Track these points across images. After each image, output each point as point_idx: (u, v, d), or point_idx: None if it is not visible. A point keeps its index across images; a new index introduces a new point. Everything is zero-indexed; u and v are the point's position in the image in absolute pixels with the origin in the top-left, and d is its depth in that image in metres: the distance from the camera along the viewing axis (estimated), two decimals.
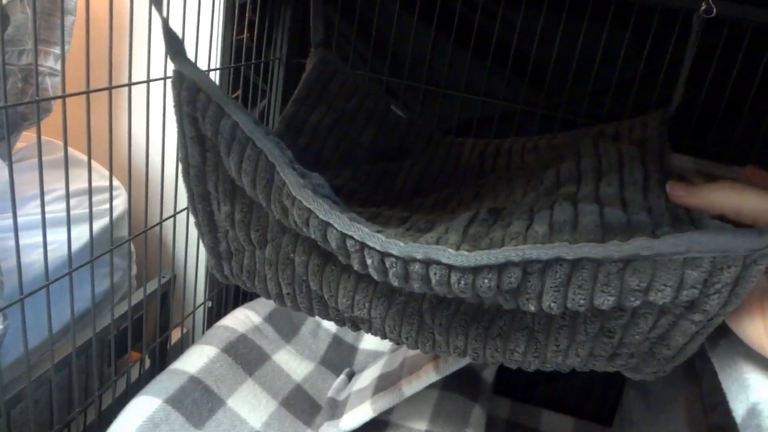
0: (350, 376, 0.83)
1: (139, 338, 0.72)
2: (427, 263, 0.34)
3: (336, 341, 0.89)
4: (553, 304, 0.34)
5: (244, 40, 0.79)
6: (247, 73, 0.83)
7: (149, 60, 0.58)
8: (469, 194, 0.53)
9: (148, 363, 0.79)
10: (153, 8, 0.41)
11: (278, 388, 0.77)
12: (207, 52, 0.69)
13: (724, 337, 0.36)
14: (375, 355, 0.87)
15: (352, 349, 0.89)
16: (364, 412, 0.69)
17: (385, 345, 0.87)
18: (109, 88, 0.54)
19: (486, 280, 0.33)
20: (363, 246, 0.36)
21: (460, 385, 0.80)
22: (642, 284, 0.32)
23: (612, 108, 0.79)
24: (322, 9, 0.65)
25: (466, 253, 0.33)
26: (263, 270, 0.46)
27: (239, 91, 0.82)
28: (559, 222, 0.36)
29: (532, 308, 0.35)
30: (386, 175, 0.60)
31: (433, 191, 0.57)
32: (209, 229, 0.47)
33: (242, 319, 0.83)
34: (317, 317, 0.48)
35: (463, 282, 0.34)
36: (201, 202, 0.46)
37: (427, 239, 0.36)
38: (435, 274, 0.34)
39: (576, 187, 0.43)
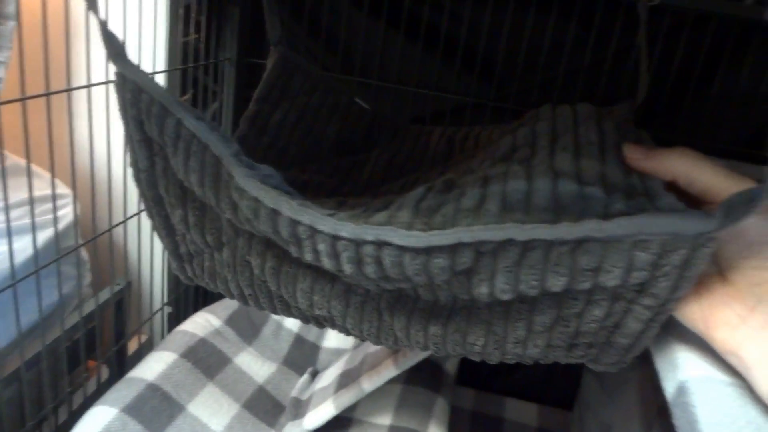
0: (314, 375, 0.83)
1: (94, 348, 0.71)
2: (379, 245, 0.34)
3: (298, 341, 0.89)
4: (505, 286, 0.34)
5: (191, 41, 0.78)
6: (196, 74, 0.82)
7: (89, 64, 0.57)
8: (434, 174, 0.52)
9: (107, 373, 0.78)
10: (91, 11, 0.40)
11: (240, 390, 0.77)
12: (152, 55, 0.68)
13: None
14: (338, 353, 0.87)
15: (315, 348, 0.89)
16: (326, 410, 0.69)
17: (348, 342, 0.87)
18: (47, 94, 0.53)
19: (438, 261, 0.33)
20: (313, 231, 0.36)
21: (422, 378, 0.80)
22: (592, 264, 0.32)
23: (561, 97, 0.80)
24: (277, 6, 0.64)
25: (417, 233, 0.33)
26: (223, 272, 0.46)
27: (189, 94, 0.81)
28: (511, 201, 0.36)
29: (485, 290, 0.35)
30: (354, 166, 0.59)
31: (401, 177, 0.57)
32: (167, 233, 0.46)
33: (202, 323, 0.82)
34: (280, 316, 0.48)
35: (416, 263, 0.34)
36: (155, 206, 0.45)
37: (378, 219, 0.36)
38: (387, 255, 0.34)
39: (531, 150, 0.42)
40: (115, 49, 0.40)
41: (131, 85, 0.40)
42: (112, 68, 0.41)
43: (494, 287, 0.34)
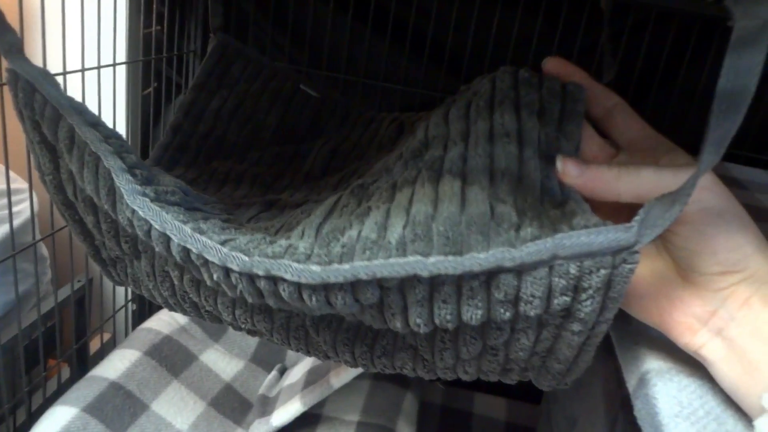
0: (282, 372, 0.82)
1: (54, 347, 0.69)
2: (273, 279, 0.31)
3: None
4: (418, 320, 0.31)
5: (153, 33, 0.76)
6: (160, 67, 0.81)
7: (44, 54, 0.55)
8: (373, 164, 0.49)
9: (68, 373, 0.76)
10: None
11: (206, 388, 0.76)
12: (111, 47, 0.66)
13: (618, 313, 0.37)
14: None
15: None
16: (294, 407, 0.69)
17: None
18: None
19: (339, 297, 0.30)
20: (205, 260, 0.33)
21: (391, 374, 0.80)
22: (509, 296, 0.29)
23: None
24: None
25: (313, 267, 0.30)
26: (145, 280, 0.42)
27: (151, 87, 0.79)
28: (415, 226, 0.32)
29: (398, 325, 0.32)
30: (296, 156, 0.57)
31: (344, 167, 0.54)
32: (83, 238, 0.43)
33: (167, 320, 0.81)
34: None
35: (315, 299, 0.31)
36: (67, 211, 0.41)
37: (276, 249, 0.32)
38: (284, 290, 0.31)
39: (443, 151, 0.38)
40: (8, 43, 0.37)
41: (23, 84, 0.36)
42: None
43: (408, 321, 0.32)
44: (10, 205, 0.54)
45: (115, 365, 0.70)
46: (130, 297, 0.85)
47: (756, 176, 0.71)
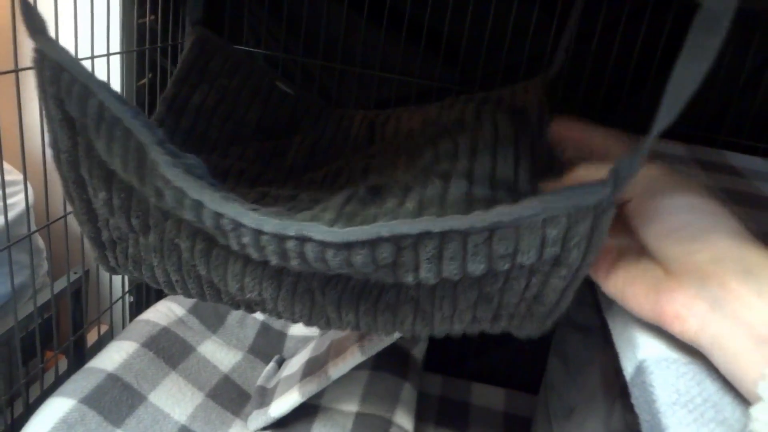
0: (280, 363, 0.82)
1: (51, 339, 0.69)
2: (302, 240, 0.34)
3: (264, 328, 0.88)
4: (429, 274, 0.35)
5: (147, 22, 0.75)
6: (155, 57, 0.80)
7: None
8: (357, 167, 0.53)
9: (66, 365, 0.76)
10: None
11: (204, 379, 0.76)
12: (105, 36, 0.66)
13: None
14: (304, 341, 0.86)
15: (281, 336, 0.88)
16: (292, 397, 0.69)
17: (315, 330, 0.87)
18: None
19: (360, 256, 0.34)
20: (237, 224, 0.36)
21: (389, 365, 0.80)
22: (509, 249, 0.33)
23: (526, 80, 0.80)
24: None
25: (337, 229, 0.34)
26: (149, 258, 0.44)
27: (146, 78, 0.79)
28: (428, 197, 0.38)
29: (410, 280, 0.36)
30: (276, 152, 0.59)
31: (324, 165, 0.57)
32: (88, 218, 0.44)
33: (164, 311, 0.81)
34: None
35: (338, 258, 0.34)
36: (76, 190, 0.43)
37: (303, 216, 0.37)
38: (310, 250, 0.34)
39: (450, 165, 0.45)
40: (35, 24, 0.38)
41: (51, 63, 0.38)
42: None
43: (419, 276, 0.36)
44: (4, 196, 0.54)
45: (113, 357, 0.69)
46: (127, 288, 0.85)
47: (754, 164, 0.71)
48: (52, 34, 0.39)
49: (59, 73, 0.37)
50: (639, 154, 0.30)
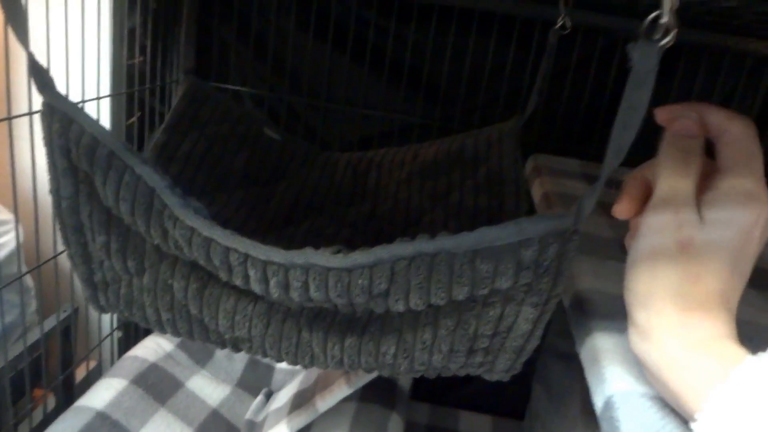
0: (268, 396, 0.83)
1: (40, 377, 0.69)
2: (307, 268, 0.38)
3: (252, 362, 0.89)
4: (419, 300, 0.38)
5: (137, 64, 0.77)
6: (143, 96, 0.82)
7: (30, 92, 0.56)
8: (340, 230, 0.57)
9: (54, 402, 0.76)
10: (21, 44, 0.40)
11: (193, 415, 0.76)
12: (96, 78, 0.68)
13: (588, 335, 0.39)
14: (292, 374, 0.87)
15: (269, 369, 0.89)
16: (280, 431, 0.69)
17: None
18: None
19: (359, 281, 0.37)
20: (246, 257, 0.39)
21: (377, 395, 0.81)
22: (489, 271, 0.36)
23: (504, 115, 0.82)
24: (195, 38, 0.66)
25: (341, 256, 0.37)
26: (141, 298, 0.46)
27: (135, 117, 0.80)
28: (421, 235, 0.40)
29: (401, 308, 0.39)
30: (260, 199, 0.61)
31: (306, 218, 0.60)
32: (83, 261, 0.46)
33: (153, 347, 0.81)
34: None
35: (339, 285, 0.37)
36: (74, 234, 0.45)
37: (305, 251, 0.39)
38: (314, 279, 0.38)
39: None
40: (42, 80, 0.41)
41: (60, 115, 0.40)
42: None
43: (408, 303, 0.39)
44: None
45: (102, 395, 0.70)
46: (115, 325, 0.85)
47: None
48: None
49: (68, 125, 0.40)
50: (595, 193, 0.33)
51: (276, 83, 0.86)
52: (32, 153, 0.60)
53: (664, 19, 0.27)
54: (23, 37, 0.39)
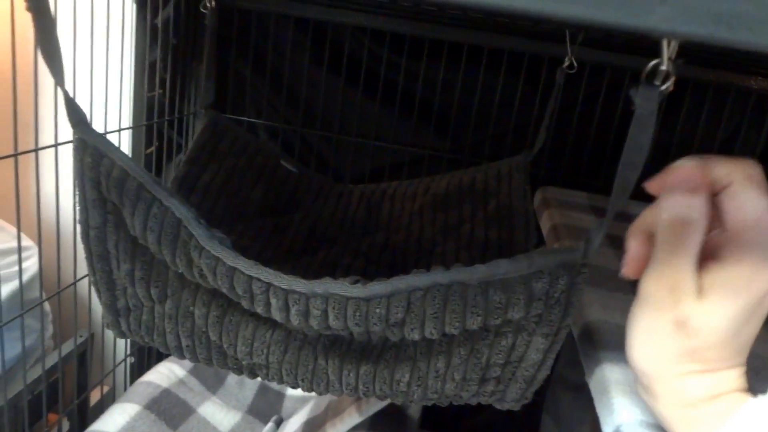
0: (278, 423, 0.84)
1: (57, 401, 0.71)
2: (327, 297, 0.39)
3: (263, 389, 0.90)
4: (433, 330, 0.39)
5: (156, 96, 0.80)
6: (161, 127, 0.84)
7: (56, 123, 0.59)
8: (355, 260, 0.59)
9: (68, 426, 0.77)
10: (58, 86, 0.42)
11: None
12: (118, 110, 0.70)
13: (597, 365, 0.40)
14: (303, 401, 0.88)
15: (280, 396, 0.90)
16: None
17: None
18: (15, 155, 0.54)
19: (377, 310, 0.39)
20: (269, 286, 0.40)
21: (386, 424, 0.81)
22: (502, 301, 0.38)
23: (513, 148, 0.84)
24: (215, 73, 0.68)
25: (359, 286, 0.39)
26: (162, 324, 0.48)
27: (153, 147, 0.83)
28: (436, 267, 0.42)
29: (416, 337, 0.40)
30: (276, 230, 0.63)
31: (321, 248, 0.61)
32: (107, 287, 0.48)
33: (165, 373, 0.82)
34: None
35: (358, 314, 0.39)
36: (100, 262, 0.47)
37: (324, 281, 0.41)
38: (333, 308, 0.39)
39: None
40: (77, 116, 0.43)
41: (92, 150, 0.43)
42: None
43: (423, 332, 0.40)
44: (20, 263, 0.57)
45: (115, 419, 0.71)
46: (129, 351, 0.87)
47: None
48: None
49: (99, 159, 0.43)
50: (603, 228, 0.34)
51: (290, 116, 0.89)
52: (56, 183, 0.62)
53: (663, 67, 0.29)
54: (59, 75, 0.41)
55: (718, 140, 0.82)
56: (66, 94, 0.42)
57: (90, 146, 0.42)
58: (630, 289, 0.52)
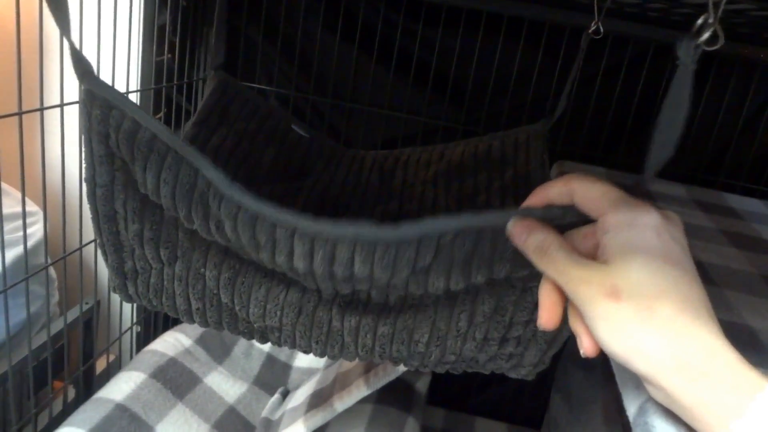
0: (285, 395, 0.83)
1: (62, 368, 0.70)
2: (355, 241, 0.38)
3: (269, 360, 0.89)
4: (459, 278, 0.38)
5: (165, 60, 0.78)
6: (170, 93, 0.83)
7: (62, 83, 0.57)
8: (366, 213, 0.57)
9: (74, 394, 0.77)
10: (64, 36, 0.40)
11: (210, 410, 0.76)
12: (125, 74, 0.68)
13: None
14: (309, 373, 0.87)
15: (286, 368, 0.89)
16: (297, 429, 0.69)
17: (320, 362, 0.88)
18: (20, 114, 0.52)
19: (407, 252, 0.37)
20: (294, 231, 0.38)
21: (393, 398, 0.80)
22: None
23: (530, 121, 0.82)
24: (225, 34, 0.66)
25: (389, 228, 0.37)
26: (171, 287, 0.47)
27: (161, 113, 0.81)
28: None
29: (440, 287, 0.39)
30: (287, 195, 0.61)
31: (333, 216, 0.60)
32: (114, 249, 0.47)
33: (172, 342, 0.82)
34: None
35: (387, 257, 0.37)
36: (107, 222, 0.46)
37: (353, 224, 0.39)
38: (360, 252, 0.38)
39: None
40: (83, 67, 0.41)
41: (101, 102, 0.41)
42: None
43: (450, 280, 0.39)
44: (24, 228, 0.56)
45: (121, 387, 0.70)
46: (135, 319, 0.86)
47: (752, 206, 0.73)
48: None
49: (108, 111, 0.41)
50: (644, 182, 0.33)
51: (301, 83, 0.87)
52: (62, 146, 0.60)
53: (711, 20, 0.28)
54: (64, 25, 0.39)
55: (742, 118, 0.80)
56: (72, 44, 0.40)
57: (99, 98, 0.40)
58: None
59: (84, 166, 0.43)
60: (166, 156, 0.41)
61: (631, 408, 0.33)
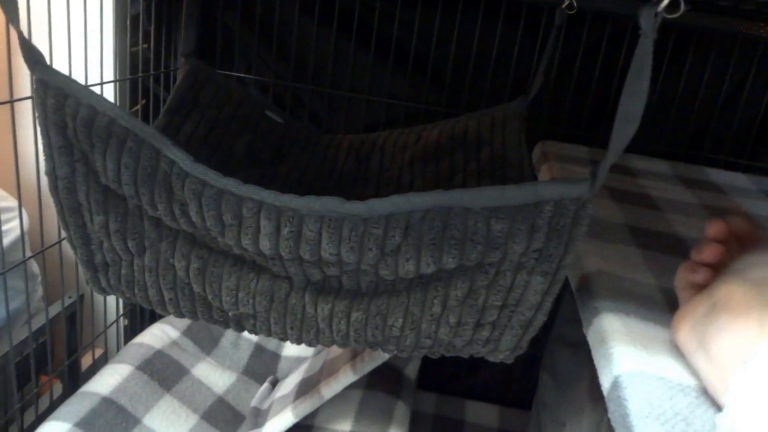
0: (274, 384, 0.83)
1: (46, 364, 0.70)
2: (322, 215, 0.37)
3: (258, 350, 0.89)
4: (430, 259, 0.38)
5: (140, 51, 0.77)
6: (147, 83, 0.82)
7: (32, 76, 0.56)
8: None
9: (60, 389, 0.76)
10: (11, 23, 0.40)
11: (199, 401, 0.76)
12: (99, 65, 0.67)
13: (595, 316, 0.38)
14: (298, 362, 0.87)
15: (275, 357, 0.89)
16: (285, 418, 0.69)
17: (308, 351, 0.87)
18: None
19: (374, 229, 0.37)
20: (261, 206, 0.38)
21: (383, 383, 0.80)
22: (504, 230, 0.36)
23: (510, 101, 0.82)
24: (196, 20, 0.65)
25: (357, 202, 0.37)
26: (142, 278, 0.46)
27: (139, 104, 0.80)
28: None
29: (411, 270, 0.39)
30: (262, 181, 0.61)
31: None
32: (82, 242, 0.46)
33: (158, 334, 0.81)
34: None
35: (354, 234, 0.37)
36: (72, 215, 0.45)
37: (321, 198, 0.39)
38: (328, 227, 0.37)
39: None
40: (34, 57, 0.40)
41: (55, 90, 0.40)
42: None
43: (420, 263, 0.38)
44: None
45: (107, 380, 0.70)
46: (121, 312, 0.85)
47: (735, 180, 0.73)
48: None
49: (63, 100, 0.40)
50: (609, 162, 0.34)
51: (280, 70, 0.86)
52: (35, 138, 0.59)
53: None
54: (13, 14, 0.38)
55: (723, 93, 0.80)
56: (20, 33, 0.39)
57: (52, 87, 0.40)
58: (630, 240, 0.51)
59: (44, 158, 0.43)
60: (125, 140, 0.40)
61: (606, 383, 0.33)
